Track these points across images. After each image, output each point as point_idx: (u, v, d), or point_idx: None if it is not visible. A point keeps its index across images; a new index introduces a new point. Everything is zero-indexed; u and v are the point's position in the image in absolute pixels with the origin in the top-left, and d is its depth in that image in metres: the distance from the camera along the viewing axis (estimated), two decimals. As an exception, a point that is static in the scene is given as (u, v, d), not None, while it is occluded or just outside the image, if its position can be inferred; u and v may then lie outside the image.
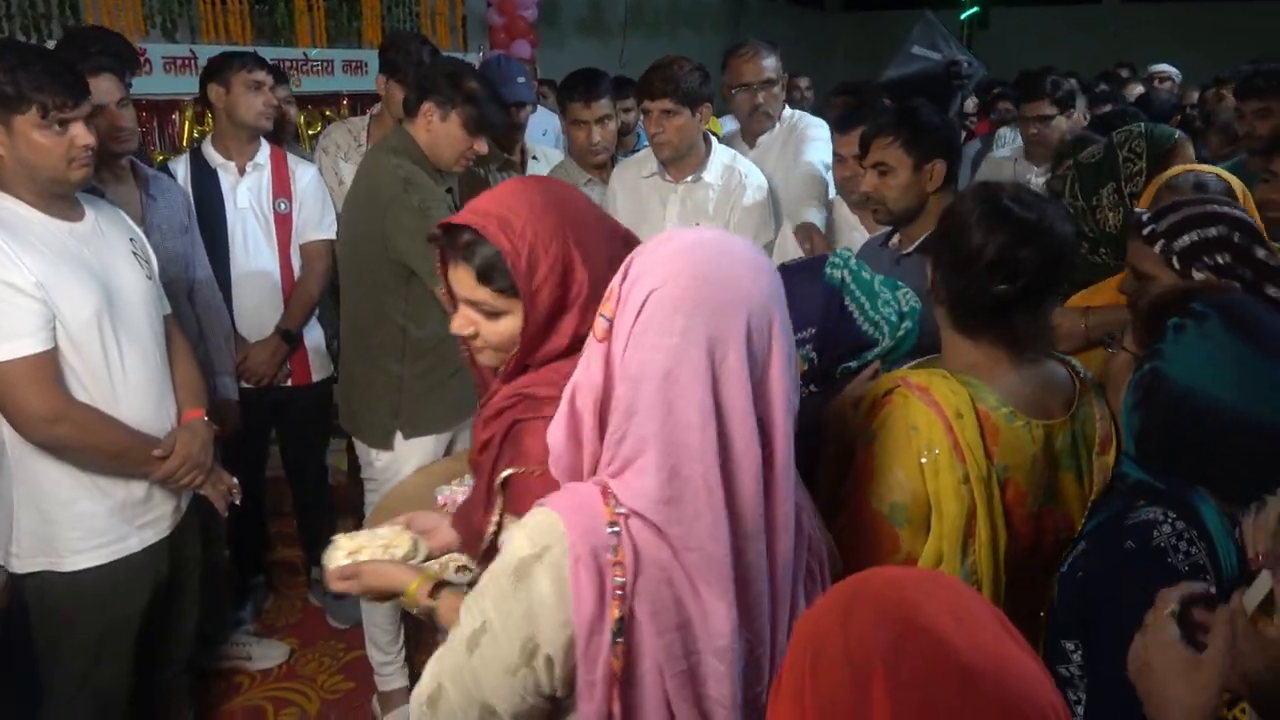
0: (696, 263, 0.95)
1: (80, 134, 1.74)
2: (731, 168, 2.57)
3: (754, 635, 0.99)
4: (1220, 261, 1.48)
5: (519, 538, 0.98)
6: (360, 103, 5.17)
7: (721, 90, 3.13)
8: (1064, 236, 1.32)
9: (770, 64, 2.77)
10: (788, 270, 1.59)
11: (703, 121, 2.48)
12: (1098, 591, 1.15)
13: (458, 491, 2.12)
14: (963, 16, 9.36)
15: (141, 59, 4.15)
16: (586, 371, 0.98)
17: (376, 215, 2.23)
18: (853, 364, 1.56)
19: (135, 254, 1.96)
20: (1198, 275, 1.49)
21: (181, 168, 2.78)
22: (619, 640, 0.94)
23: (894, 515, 1.27)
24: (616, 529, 0.94)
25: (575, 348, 1.19)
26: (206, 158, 2.77)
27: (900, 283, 1.65)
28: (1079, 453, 1.36)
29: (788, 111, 2.87)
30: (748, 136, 2.82)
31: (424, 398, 2.38)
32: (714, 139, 2.61)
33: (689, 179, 2.54)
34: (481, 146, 2.33)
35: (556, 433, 1.02)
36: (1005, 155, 3.91)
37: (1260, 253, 1.49)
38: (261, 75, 2.69)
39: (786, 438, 0.99)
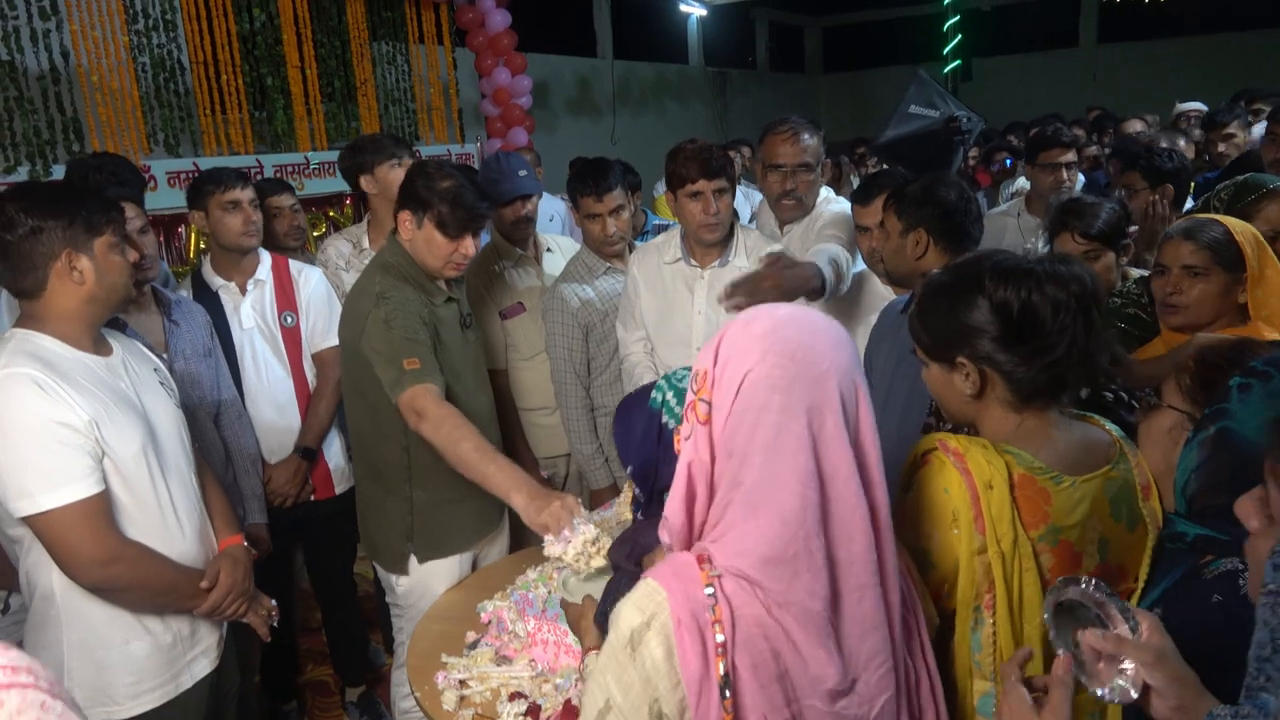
0: (784, 341, 1.03)
1: (131, 250, 1.82)
2: (756, 248, 2.51)
3: (874, 682, 1.06)
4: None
5: (627, 610, 1.04)
6: (364, 201, 5.20)
7: (752, 166, 3.02)
8: (1090, 280, 1.31)
9: (810, 145, 2.56)
10: (625, 400, 1.53)
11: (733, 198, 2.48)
12: (1195, 652, 1.11)
13: (502, 606, 2.04)
14: (945, 71, 9.51)
15: (146, 176, 4.21)
16: (696, 452, 1.06)
17: (358, 332, 2.16)
18: None
19: (162, 384, 1.94)
20: None
21: (184, 294, 2.72)
22: (727, 695, 1.00)
23: (915, 558, 1.29)
24: (712, 590, 1.01)
25: None
26: (207, 280, 2.73)
27: None
28: (1128, 501, 1.34)
29: (824, 194, 2.70)
30: (778, 223, 2.69)
31: (438, 519, 2.28)
32: (737, 222, 2.56)
33: (716, 263, 2.48)
34: (467, 248, 2.21)
35: (674, 506, 1.08)
36: (1004, 210, 3.86)
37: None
38: (236, 193, 2.63)
39: (885, 493, 1.06)
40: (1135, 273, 2.42)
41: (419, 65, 5.86)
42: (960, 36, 9.80)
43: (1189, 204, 3.15)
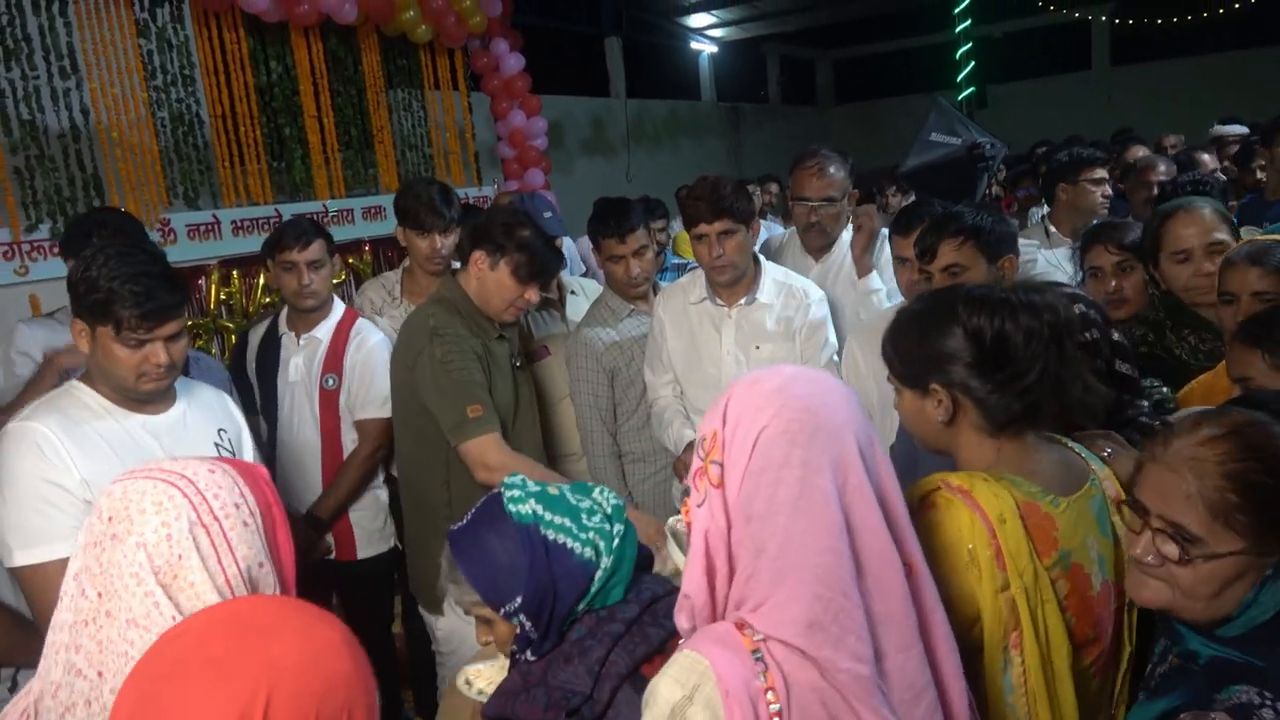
0: (797, 396, 1.00)
1: (154, 353, 1.74)
2: (787, 285, 2.46)
3: None
4: (1090, 338, 1.53)
5: (665, 684, 0.97)
6: (381, 247, 5.20)
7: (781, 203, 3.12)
8: (1064, 310, 1.31)
9: (836, 179, 2.61)
10: (464, 533, 1.34)
11: (754, 239, 2.40)
12: None
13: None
14: (960, 98, 9.49)
15: (166, 229, 4.22)
16: (712, 519, 1.00)
17: (409, 365, 2.22)
18: (580, 607, 1.30)
19: (218, 445, 1.93)
20: None
21: (258, 334, 2.80)
22: None
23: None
24: (760, 655, 0.94)
25: None
26: (278, 325, 2.78)
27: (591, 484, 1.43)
28: (1107, 515, 1.34)
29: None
30: (809, 250, 2.71)
31: None
32: (762, 257, 2.51)
33: (742, 301, 2.43)
34: (533, 295, 2.30)
35: (694, 581, 1.02)
36: (1030, 241, 3.79)
37: (1112, 332, 1.58)
38: (292, 255, 2.62)
39: (918, 546, 1.03)
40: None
41: (435, 111, 5.88)
42: (973, 64, 9.78)
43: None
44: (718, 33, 11.57)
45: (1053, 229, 3.58)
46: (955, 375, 1.28)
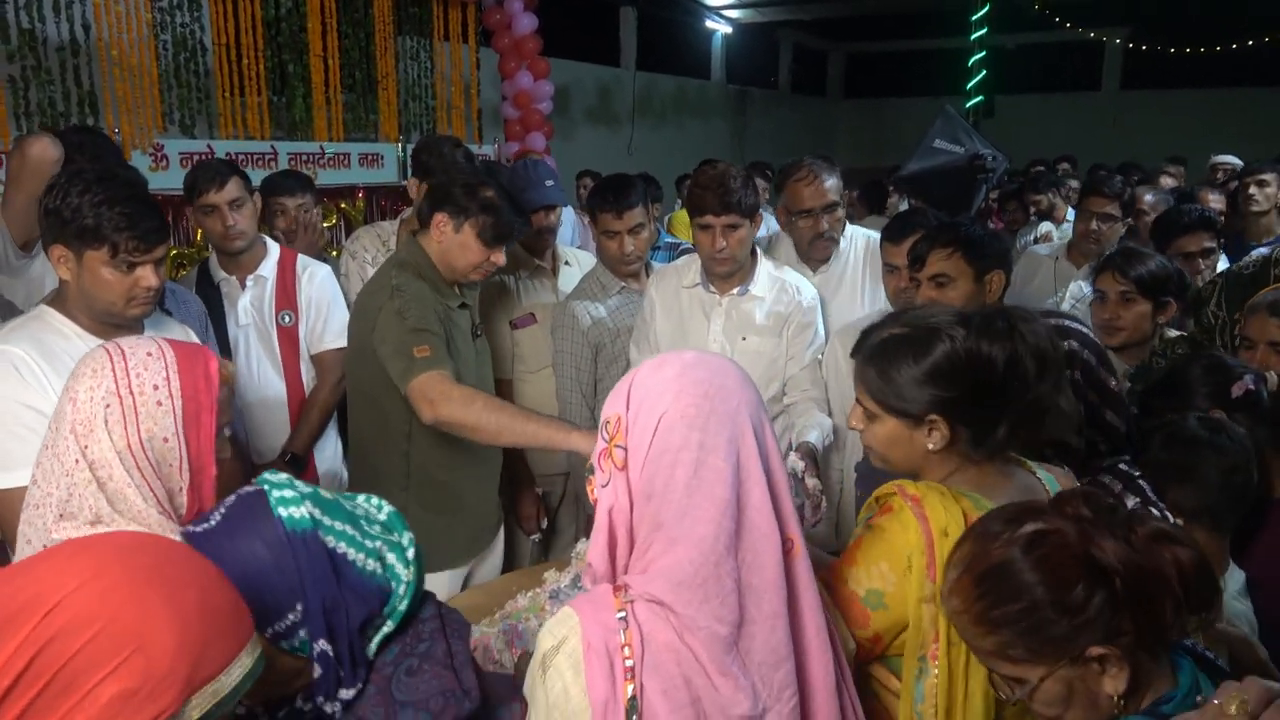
0: (696, 382, 1.08)
1: (145, 276, 1.74)
2: (780, 279, 2.45)
3: (785, 714, 1.05)
4: (1074, 378, 1.51)
5: (543, 634, 1.09)
6: (375, 195, 5.16)
7: (775, 211, 3.07)
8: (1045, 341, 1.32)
9: (832, 185, 2.54)
10: (212, 539, 1.06)
11: (755, 231, 2.39)
12: None
13: (489, 633, 1.97)
14: (968, 105, 9.48)
15: (159, 155, 4.16)
16: (616, 498, 1.09)
17: (368, 328, 2.13)
18: (389, 626, 1.14)
19: None
20: None
21: (188, 282, 2.71)
22: (634, 717, 1.02)
23: (868, 599, 1.27)
24: (623, 615, 1.05)
25: None
26: (210, 272, 2.69)
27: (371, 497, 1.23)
28: None
29: (849, 230, 2.68)
30: (809, 262, 2.64)
31: (431, 532, 2.18)
32: (759, 250, 2.50)
33: (735, 291, 2.42)
34: (499, 258, 2.21)
35: (597, 550, 1.11)
36: (1044, 252, 3.79)
37: (1107, 378, 1.55)
38: (210, 197, 2.55)
39: (797, 522, 1.12)
40: (1172, 333, 2.37)
41: (442, 63, 5.82)
42: (984, 73, 9.76)
43: (1223, 262, 3.09)
44: (733, 14, 11.48)
45: (1059, 256, 3.56)
46: (960, 406, 1.27)
